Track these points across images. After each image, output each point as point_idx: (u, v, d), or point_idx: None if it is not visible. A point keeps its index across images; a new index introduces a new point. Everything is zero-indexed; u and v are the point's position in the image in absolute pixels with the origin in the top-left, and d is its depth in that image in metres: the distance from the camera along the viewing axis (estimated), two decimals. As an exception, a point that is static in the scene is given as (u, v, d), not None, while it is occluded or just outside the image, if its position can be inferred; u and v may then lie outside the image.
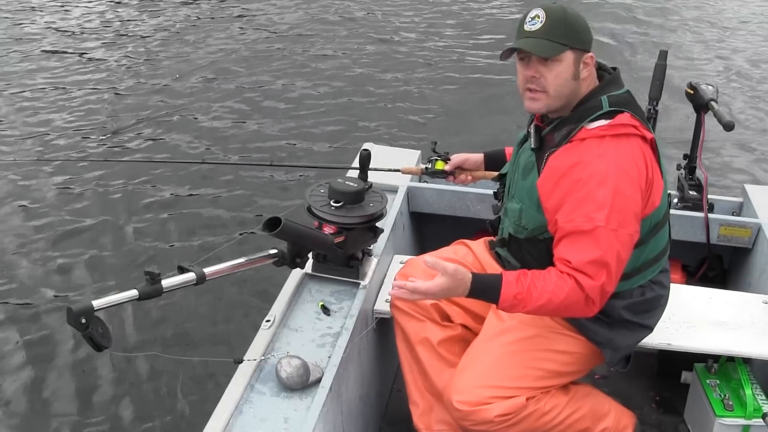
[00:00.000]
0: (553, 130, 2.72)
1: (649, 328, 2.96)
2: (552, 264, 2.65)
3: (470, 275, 2.59)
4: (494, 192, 3.22)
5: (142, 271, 2.55)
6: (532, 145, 2.76)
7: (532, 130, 2.80)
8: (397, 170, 3.76)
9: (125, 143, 7.46)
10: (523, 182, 2.79)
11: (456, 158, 3.46)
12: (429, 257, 2.56)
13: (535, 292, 2.55)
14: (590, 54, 2.67)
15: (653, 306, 2.91)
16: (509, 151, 3.29)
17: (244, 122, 7.95)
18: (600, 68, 2.77)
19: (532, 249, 2.82)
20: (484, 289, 2.60)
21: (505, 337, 2.87)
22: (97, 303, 2.40)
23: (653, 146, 2.67)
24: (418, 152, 4.46)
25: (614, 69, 2.79)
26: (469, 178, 3.47)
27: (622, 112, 2.62)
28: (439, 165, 3.46)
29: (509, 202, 2.90)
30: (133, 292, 2.49)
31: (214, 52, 9.73)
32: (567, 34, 2.61)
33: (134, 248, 5.86)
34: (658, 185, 2.68)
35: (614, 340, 2.86)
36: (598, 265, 2.54)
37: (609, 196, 2.52)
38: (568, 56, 2.63)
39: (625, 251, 2.60)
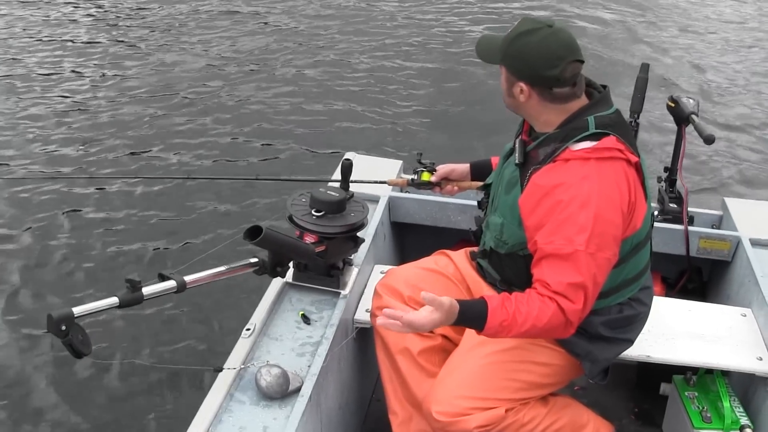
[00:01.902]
0: (538, 146, 2.71)
1: (629, 341, 2.98)
2: (531, 280, 2.66)
3: (458, 306, 2.54)
4: (478, 201, 3.22)
5: (122, 279, 2.55)
6: (517, 160, 2.75)
7: (517, 145, 2.80)
8: (383, 182, 3.76)
9: (106, 156, 7.40)
10: (506, 197, 2.79)
11: (442, 169, 3.44)
12: (426, 293, 2.48)
13: (519, 318, 2.53)
14: (521, 84, 2.65)
15: (631, 322, 2.92)
16: (495, 160, 3.29)
17: (227, 135, 7.91)
18: (589, 85, 2.76)
19: (512, 264, 2.83)
20: (471, 318, 2.56)
21: (484, 348, 2.87)
22: (77, 310, 2.40)
23: (638, 168, 2.67)
24: (400, 162, 4.46)
25: (604, 87, 2.78)
26: (456, 188, 3.44)
27: (608, 134, 2.61)
28: (426, 176, 3.43)
29: (492, 215, 2.90)
30: (114, 300, 2.50)
31: (193, 64, 9.68)
32: (506, 52, 2.65)
33: (115, 257, 5.83)
34: (641, 208, 2.69)
35: (593, 353, 2.87)
36: (577, 289, 2.55)
37: (590, 219, 2.52)
38: (503, 71, 2.70)
39: (602, 275, 2.60)
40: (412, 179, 3.49)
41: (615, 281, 2.76)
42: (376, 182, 3.75)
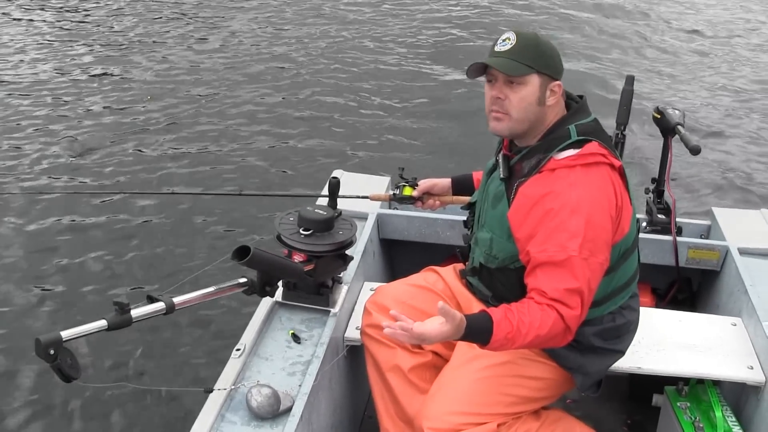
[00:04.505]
0: (521, 159, 2.74)
1: (621, 353, 2.97)
2: (524, 293, 2.65)
3: (465, 321, 2.52)
4: (464, 221, 3.23)
5: (111, 302, 2.53)
6: (501, 175, 2.77)
7: (500, 159, 2.81)
8: (366, 197, 3.77)
9: (90, 172, 7.35)
10: (493, 212, 2.80)
11: (423, 184, 3.47)
12: (443, 304, 2.45)
13: (523, 329, 2.52)
14: (558, 82, 2.69)
15: (623, 331, 2.93)
16: (477, 175, 3.31)
17: (213, 150, 7.89)
18: (567, 97, 2.79)
19: (503, 278, 2.83)
20: (476, 332, 2.53)
21: (476, 364, 2.86)
22: (65, 334, 2.39)
23: (621, 173, 2.69)
24: (388, 178, 4.47)
25: (581, 97, 2.81)
26: (437, 203, 3.49)
27: (590, 141, 2.64)
28: (407, 191, 3.48)
29: (479, 232, 2.90)
30: (102, 323, 2.48)
31: (174, 79, 9.67)
32: (535, 57, 2.64)
33: (103, 279, 5.79)
34: (627, 211, 2.70)
35: (585, 366, 2.86)
36: (574, 294, 2.55)
37: (581, 225, 2.53)
38: (534, 80, 2.64)
39: (595, 280, 2.61)
40: (394, 194, 3.53)
41: (606, 290, 2.77)
42: (358, 197, 3.76)
